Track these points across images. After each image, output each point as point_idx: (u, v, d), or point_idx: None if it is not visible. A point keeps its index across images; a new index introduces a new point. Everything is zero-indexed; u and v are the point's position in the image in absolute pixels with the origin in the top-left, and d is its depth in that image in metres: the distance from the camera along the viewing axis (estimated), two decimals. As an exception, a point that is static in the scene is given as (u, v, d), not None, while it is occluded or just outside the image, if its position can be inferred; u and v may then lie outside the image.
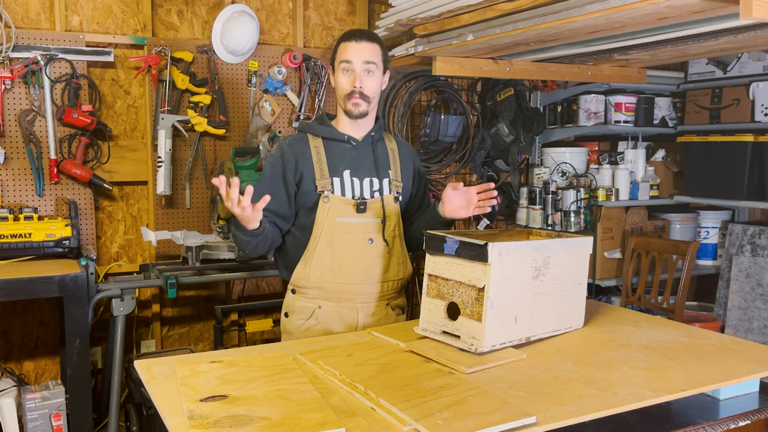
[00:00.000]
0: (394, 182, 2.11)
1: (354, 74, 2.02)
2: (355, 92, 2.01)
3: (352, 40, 2.05)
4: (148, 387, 1.50)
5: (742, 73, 3.69)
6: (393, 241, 2.07)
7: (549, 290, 1.75)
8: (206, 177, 3.48)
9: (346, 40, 2.06)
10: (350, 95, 2.02)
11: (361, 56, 2.02)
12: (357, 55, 2.02)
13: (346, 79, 2.03)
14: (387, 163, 2.12)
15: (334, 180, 2.02)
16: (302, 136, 2.10)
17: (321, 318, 2.05)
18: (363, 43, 2.04)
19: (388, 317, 2.11)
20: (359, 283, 2.03)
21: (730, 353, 1.67)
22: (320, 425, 1.23)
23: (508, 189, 4.10)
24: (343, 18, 3.83)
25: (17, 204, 3.09)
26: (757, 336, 3.49)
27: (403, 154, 2.18)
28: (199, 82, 3.39)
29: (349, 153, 2.07)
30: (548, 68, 3.30)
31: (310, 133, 2.10)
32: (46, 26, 3.13)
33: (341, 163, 2.05)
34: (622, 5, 2.06)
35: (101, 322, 3.25)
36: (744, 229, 3.69)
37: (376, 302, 2.08)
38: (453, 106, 3.99)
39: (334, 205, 2.00)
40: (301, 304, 2.07)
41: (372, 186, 2.06)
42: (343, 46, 2.05)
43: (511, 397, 1.38)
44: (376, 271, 2.05)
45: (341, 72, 2.04)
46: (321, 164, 2.03)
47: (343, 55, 2.04)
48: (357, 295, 2.04)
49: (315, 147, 2.05)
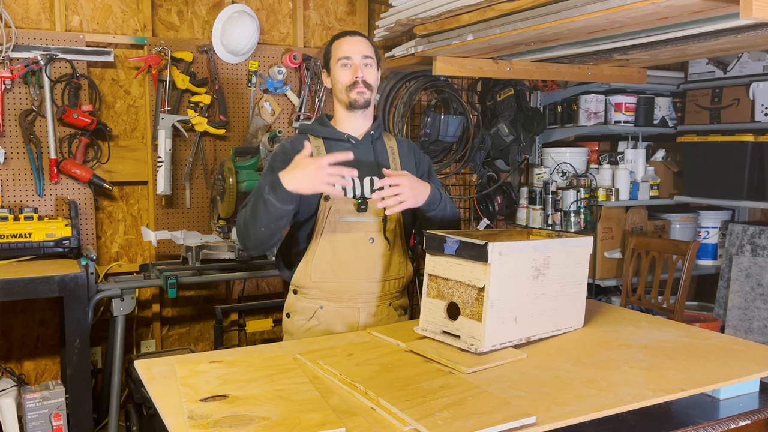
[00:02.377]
0: None
1: (354, 66, 2.02)
2: (358, 82, 2.02)
3: (346, 35, 2.06)
4: (148, 387, 1.50)
5: (742, 73, 3.69)
6: (394, 240, 2.07)
7: (549, 290, 1.75)
8: (206, 177, 3.48)
9: (340, 37, 2.07)
10: (353, 85, 2.02)
11: (358, 50, 2.03)
12: (355, 49, 2.03)
13: (346, 73, 2.03)
14: (387, 162, 2.11)
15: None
16: (303, 137, 2.10)
17: (323, 318, 2.05)
18: (357, 38, 2.06)
19: (390, 317, 2.11)
20: (360, 283, 2.03)
21: (730, 353, 1.67)
22: (320, 425, 1.23)
23: (508, 189, 4.10)
24: (343, 18, 3.83)
25: (17, 204, 3.09)
26: (757, 336, 3.49)
27: (404, 152, 2.17)
28: (199, 82, 3.39)
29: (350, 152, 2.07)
30: (548, 68, 3.30)
31: (310, 134, 2.10)
32: (46, 26, 3.14)
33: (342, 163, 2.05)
34: (622, 5, 2.06)
35: (101, 322, 3.25)
36: (744, 229, 3.69)
37: (377, 302, 2.07)
38: (453, 106, 3.99)
39: (335, 204, 1.99)
40: (303, 305, 2.07)
41: (372, 185, 2.06)
42: (339, 43, 2.06)
43: (511, 397, 1.38)
44: (377, 270, 2.04)
45: (340, 68, 2.04)
46: None
47: (341, 51, 2.04)
48: (358, 295, 2.04)
49: (316, 147, 2.05)
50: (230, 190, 3.11)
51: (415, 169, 2.18)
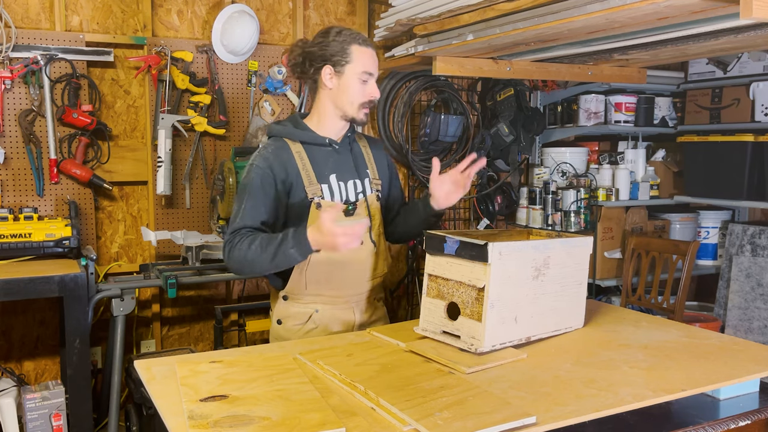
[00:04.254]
0: (374, 181, 2.11)
1: (373, 86, 1.97)
2: (371, 102, 1.99)
3: (368, 46, 1.97)
4: (148, 387, 1.50)
5: (742, 73, 3.69)
6: (379, 239, 2.09)
7: (549, 290, 1.75)
8: (206, 177, 3.48)
9: (363, 44, 1.97)
10: (364, 105, 1.99)
11: (377, 68, 1.98)
12: (376, 66, 1.97)
13: (363, 89, 1.97)
14: (365, 163, 2.11)
15: (323, 187, 1.99)
16: (281, 143, 2.01)
17: (319, 321, 2.05)
18: (373, 50, 1.99)
19: (377, 310, 2.14)
20: (354, 284, 2.04)
21: (730, 353, 1.67)
22: (320, 425, 1.23)
23: (508, 189, 4.10)
24: (343, 18, 3.83)
25: (17, 204, 3.09)
26: (757, 336, 3.49)
27: (376, 150, 2.17)
28: (199, 82, 3.39)
29: (332, 156, 2.03)
30: (548, 68, 3.30)
31: (288, 138, 2.01)
32: (46, 26, 3.13)
33: (326, 168, 2.01)
34: (622, 5, 2.06)
35: (101, 322, 3.25)
36: (744, 229, 3.69)
37: (367, 300, 2.10)
38: (453, 106, 3.99)
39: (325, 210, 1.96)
40: (296, 310, 2.05)
41: (356, 188, 2.05)
42: (364, 53, 1.96)
43: (511, 397, 1.38)
44: (367, 270, 2.06)
45: (358, 81, 1.96)
46: (307, 170, 1.98)
47: (365, 64, 1.96)
48: (352, 296, 2.05)
49: (297, 153, 1.99)
50: (230, 190, 3.11)
51: (387, 171, 2.18)
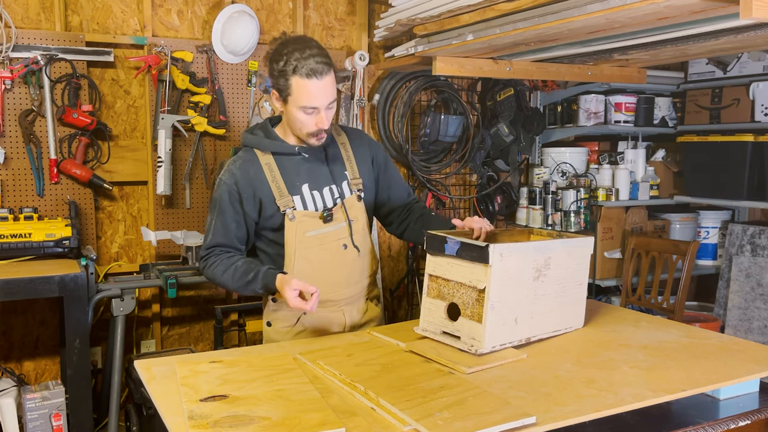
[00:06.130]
0: (353, 181, 2.03)
1: (319, 116, 1.86)
2: (320, 131, 1.90)
3: (313, 77, 1.79)
4: (148, 387, 1.50)
5: (742, 73, 3.69)
6: (363, 241, 2.05)
7: (549, 291, 1.75)
8: (206, 177, 3.48)
9: (305, 77, 1.80)
10: (315, 134, 1.90)
11: (325, 98, 1.84)
12: (323, 97, 1.83)
13: (308, 119, 1.86)
14: (342, 164, 2.04)
15: (295, 198, 1.95)
16: (251, 155, 1.96)
17: (308, 324, 2.03)
18: (325, 79, 1.81)
19: (369, 311, 2.12)
20: (341, 288, 2.02)
21: (730, 353, 1.67)
22: (320, 425, 1.23)
23: (508, 189, 4.10)
24: (343, 18, 3.83)
25: (17, 204, 3.09)
26: (757, 336, 3.49)
27: (355, 145, 2.08)
28: (199, 82, 3.39)
29: (303, 165, 1.97)
30: (548, 68, 3.30)
31: (257, 148, 1.96)
32: (46, 26, 3.13)
33: (297, 178, 1.96)
34: (622, 5, 2.06)
35: (101, 322, 3.25)
36: (744, 229, 3.69)
37: (357, 301, 2.08)
38: (453, 106, 3.99)
39: (300, 221, 1.94)
40: (284, 312, 2.04)
41: (333, 194, 2.00)
42: (305, 86, 1.80)
43: (511, 397, 1.38)
44: (355, 273, 2.04)
45: (301, 112, 1.85)
46: (277, 182, 1.94)
47: (306, 98, 1.82)
48: (341, 300, 2.03)
49: (266, 164, 1.95)
50: (230, 190, 3.11)
51: (371, 164, 2.10)
